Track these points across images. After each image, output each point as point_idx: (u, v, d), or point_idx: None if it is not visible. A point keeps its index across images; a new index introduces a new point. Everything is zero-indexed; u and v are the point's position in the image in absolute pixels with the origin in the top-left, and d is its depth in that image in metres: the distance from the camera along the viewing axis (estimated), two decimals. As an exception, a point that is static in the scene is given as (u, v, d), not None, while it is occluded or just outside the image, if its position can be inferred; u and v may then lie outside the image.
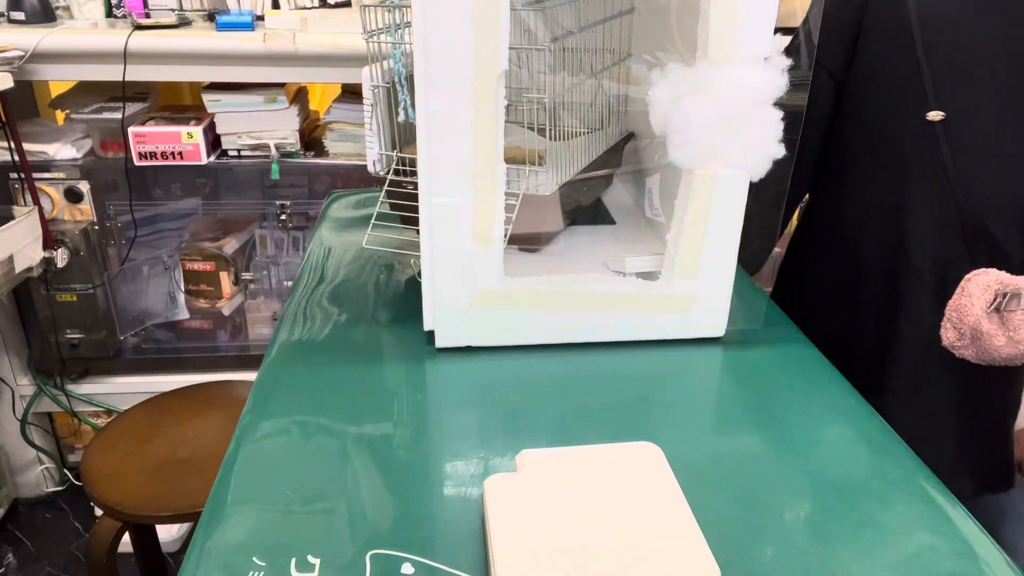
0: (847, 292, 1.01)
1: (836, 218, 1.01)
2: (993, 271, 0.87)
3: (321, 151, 1.89)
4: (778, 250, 1.26)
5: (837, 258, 1.02)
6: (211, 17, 1.83)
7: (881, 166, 0.94)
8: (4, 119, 1.66)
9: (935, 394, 0.97)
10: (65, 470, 2.13)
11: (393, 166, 0.87)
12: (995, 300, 0.84)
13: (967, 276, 0.87)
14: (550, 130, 0.83)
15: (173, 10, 1.83)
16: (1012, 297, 0.84)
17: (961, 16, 0.87)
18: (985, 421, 1.01)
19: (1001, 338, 0.85)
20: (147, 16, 1.75)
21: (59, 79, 1.84)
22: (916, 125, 0.89)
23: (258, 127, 1.82)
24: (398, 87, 0.82)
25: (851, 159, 0.97)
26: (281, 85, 1.80)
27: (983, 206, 0.90)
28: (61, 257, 1.78)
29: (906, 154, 0.91)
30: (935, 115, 0.87)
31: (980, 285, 0.85)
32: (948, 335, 0.88)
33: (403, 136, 0.88)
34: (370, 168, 0.89)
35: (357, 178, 1.86)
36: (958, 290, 0.87)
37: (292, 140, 1.83)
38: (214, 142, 1.84)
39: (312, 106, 2.06)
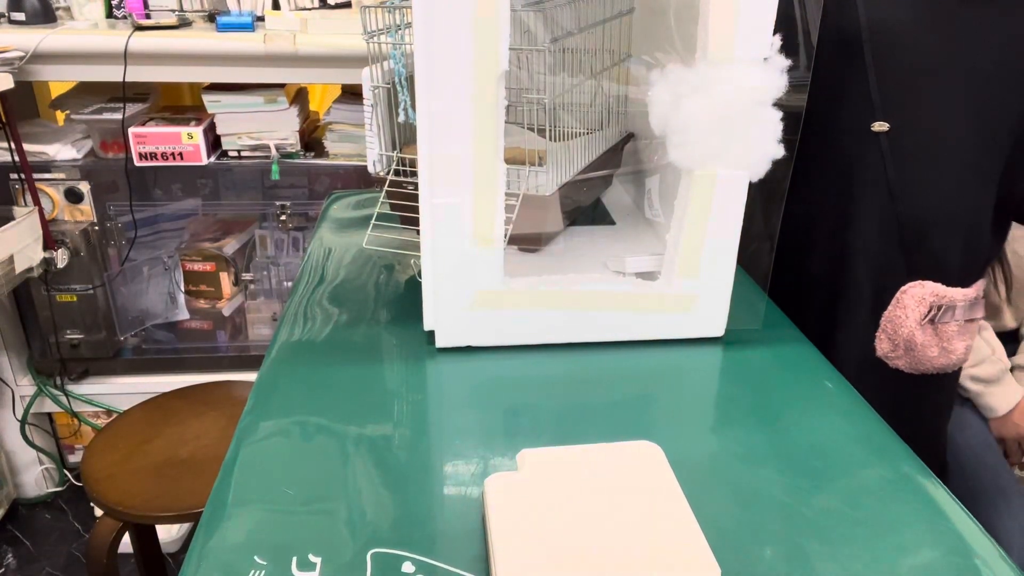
0: (794, 298, 1.01)
1: (787, 224, 1.01)
2: (928, 283, 0.87)
3: (321, 152, 1.89)
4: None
5: (787, 265, 1.02)
6: (211, 18, 1.83)
7: (826, 175, 0.94)
8: (4, 119, 1.66)
9: (872, 401, 0.98)
10: (65, 471, 2.14)
11: (393, 166, 0.87)
12: (929, 312, 0.84)
13: (902, 288, 0.87)
14: (550, 131, 0.83)
15: (173, 11, 1.83)
16: (946, 309, 0.84)
17: (910, 27, 0.87)
18: (919, 424, 1.01)
19: (934, 349, 0.85)
20: (147, 17, 1.75)
21: (59, 80, 1.84)
22: (861, 135, 0.89)
23: (258, 128, 1.83)
24: (398, 88, 0.82)
25: (798, 168, 0.97)
26: (281, 86, 1.80)
27: (923, 217, 0.89)
28: (61, 257, 1.79)
29: (850, 163, 0.91)
30: (880, 126, 0.87)
31: (915, 297, 0.85)
32: (882, 346, 0.88)
33: (403, 136, 0.88)
34: (370, 168, 0.89)
35: (357, 178, 1.86)
36: (893, 302, 0.87)
37: (292, 141, 1.84)
38: (214, 143, 1.84)
39: (312, 107, 2.06)
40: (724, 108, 0.72)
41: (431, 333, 0.80)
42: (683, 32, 0.78)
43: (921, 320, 0.84)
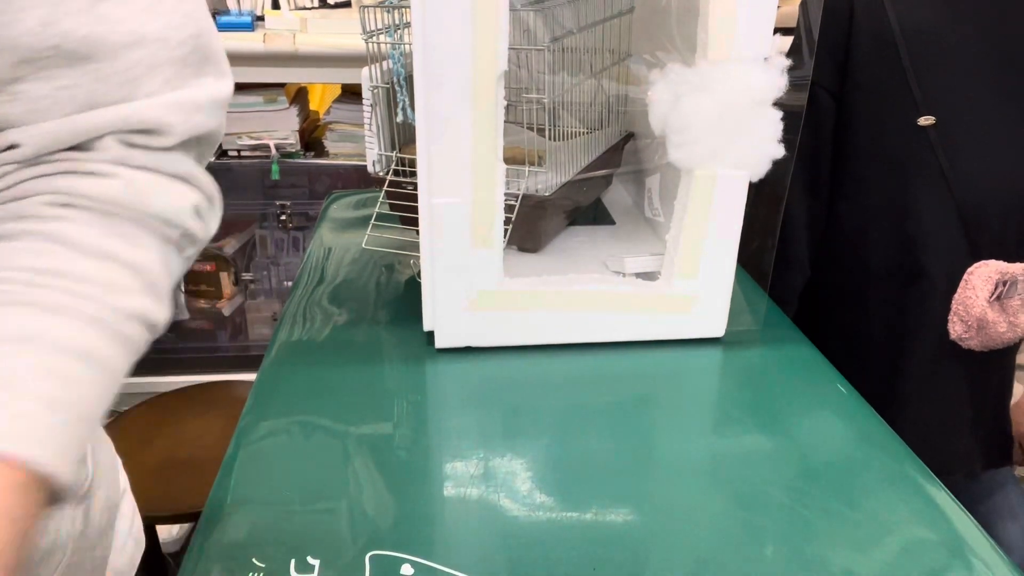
0: (855, 293, 1.02)
1: (837, 222, 1.02)
2: (992, 262, 0.90)
3: (321, 151, 1.89)
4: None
5: (842, 261, 1.03)
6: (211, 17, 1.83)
7: (878, 172, 0.96)
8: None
9: (947, 385, 1.00)
10: (65, 470, 2.13)
11: (392, 166, 0.87)
12: (996, 289, 0.87)
13: (969, 270, 0.90)
14: (550, 130, 0.83)
15: (173, 10, 1.83)
16: (1011, 284, 0.87)
17: (940, 24, 0.90)
18: (988, 403, 1.05)
19: (1003, 324, 0.89)
20: (147, 16, 1.75)
21: (59, 79, 1.84)
22: (909, 131, 0.91)
23: (258, 127, 1.82)
24: (397, 88, 0.82)
25: (847, 166, 0.99)
26: (281, 85, 1.80)
27: (981, 202, 0.92)
28: (61, 257, 1.78)
29: (902, 159, 0.94)
30: (926, 120, 0.89)
31: (982, 277, 0.89)
32: (956, 328, 0.91)
33: (402, 136, 0.88)
34: (370, 168, 0.89)
35: (357, 178, 1.86)
36: (961, 284, 0.90)
37: (292, 140, 1.84)
38: (214, 142, 1.84)
39: (312, 106, 2.06)
40: (724, 108, 0.72)
41: (431, 333, 0.80)
42: (683, 31, 0.78)
43: (990, 298, 0.87)
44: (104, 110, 0.38)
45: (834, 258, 1.04)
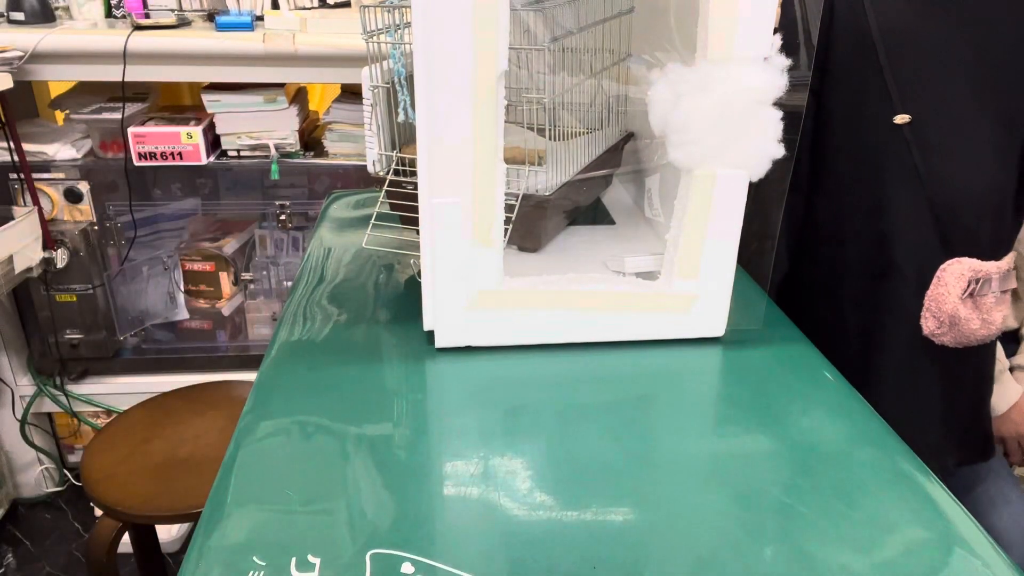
0: (830, 288, 1.03)
1: (813, 218, 1.03)
2: (965, 259, 0.91)
3: (321, 151, 1.89)
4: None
5: (818, 256, 1.04)
6: (211, 17, 1.83)
7: (854, 168, 0.97)
8: (4, 119, 1.66)
9: (920, 380, 1.01)
10: (65, 470, 2.13)
11: (393, 166, 0.87)
12: (969, 286, 0.88)
13: (941, 267, 0.91)
14: (550, 130, 0.83)
15: (173, 10, 1.83)
16: (984, 282, 0.88)
17: (917, 23, 0.91)
18: (965, 399, 1.05)
19: (976, 321, 0.90)
20: (147, 16, 1.75)
21: (59, 79, 1.84)
22: (884, 129, 0.92)
23: (258, 127, 1.82)
24: (398, 87, 0.82)
25: (825, 163, 0.99)
26: (281, 85, 1.80)
27: (954, 200, 0.93)
28: (61, 257, 1.78)
29: (877, 156, 0.95)
30: (902, 119, 0.90)
31: (955, 274, 0.90)
32: (928, 324, 0.92)
33: (403, 136, 0.88)
34: (370, 168, 0.89)
35: (357, 178, 1.86)
36: (934, 280, 0.91)
37: (292, 140, 1.84)
38: (214, 142, 1.84)
39: (312, 106, 2.06)
40: (724, 107, 0.72)
41: (431, 333, 0.80)
42: (683, 31, 0.78)
43: (962, 295, 0.89)
44: None
45: (810, 253, 1.05)
